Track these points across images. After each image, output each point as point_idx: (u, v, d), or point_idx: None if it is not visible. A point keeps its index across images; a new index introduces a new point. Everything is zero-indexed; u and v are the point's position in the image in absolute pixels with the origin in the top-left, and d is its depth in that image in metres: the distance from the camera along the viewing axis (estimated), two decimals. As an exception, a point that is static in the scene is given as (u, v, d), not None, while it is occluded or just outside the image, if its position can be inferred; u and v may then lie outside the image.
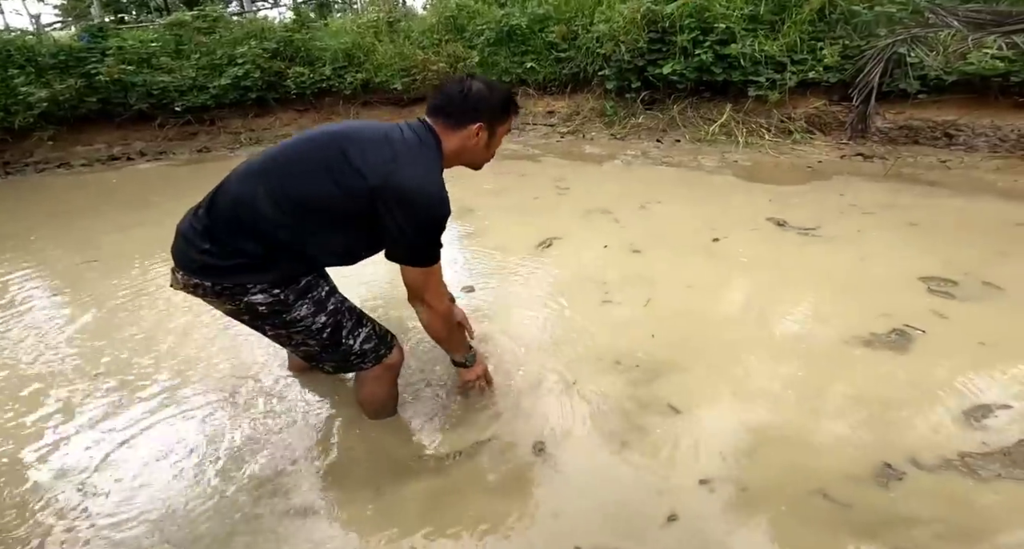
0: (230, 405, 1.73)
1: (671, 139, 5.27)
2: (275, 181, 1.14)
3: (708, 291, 2.21)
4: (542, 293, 2.26)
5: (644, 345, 1.89)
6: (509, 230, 2.95)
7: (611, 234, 2.83)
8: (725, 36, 5.14)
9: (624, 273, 2.40)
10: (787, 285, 2.22)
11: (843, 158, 4.45)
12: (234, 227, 1.15)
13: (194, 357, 1.97)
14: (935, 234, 2.66)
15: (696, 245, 2.61)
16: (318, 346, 1.30)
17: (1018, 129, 4.24)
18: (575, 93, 6.39)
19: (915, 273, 2.25)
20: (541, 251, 2.64)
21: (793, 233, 2.69)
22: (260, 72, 6.48)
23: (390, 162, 1.12)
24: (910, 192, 3.39)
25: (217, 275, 1.17)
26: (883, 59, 4.87)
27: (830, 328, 1.93)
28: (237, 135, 6.50)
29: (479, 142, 1.24)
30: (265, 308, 1.21)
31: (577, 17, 6.33)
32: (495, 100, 1.23)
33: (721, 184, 3.70)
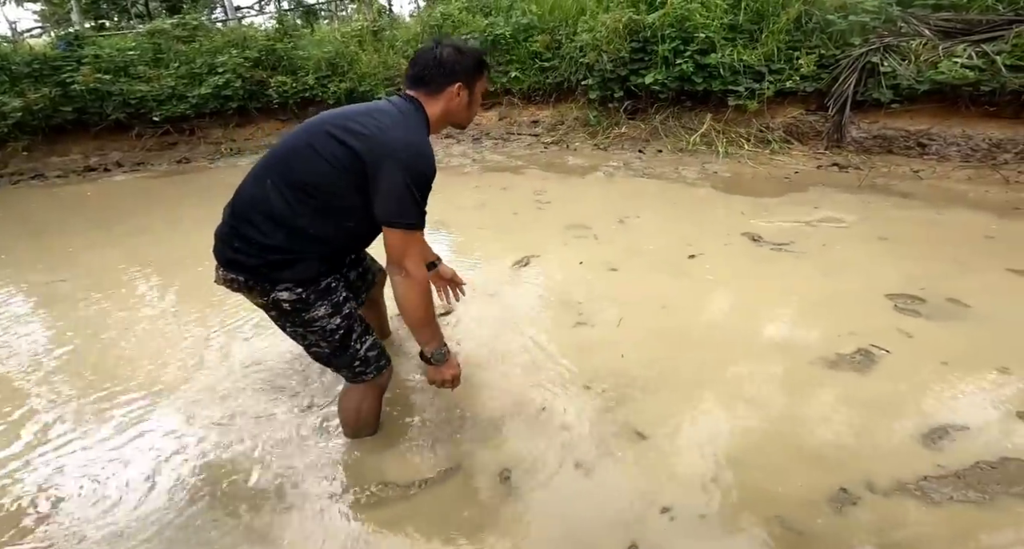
0: (186, 439, 1.72)
1: (653, 149, 5.33)
2: (277, 174, 1.23)
3: (680, 311, 2.24)
4: (515, 315, 2.27)
5: (614, 368, 1.91)
6: (486, 248, 2.96)
7: (589, 251, 2.85)
8: (705, 45, 5.22)
9: (599, 292, 2.41)
10: (757, 304, 2.26)
11: (819, 168, 4.52)
12: (256, 224, 1.24)
13: (149, 382, 1.95)
14: (904, 248, 2.71)
15: (672, 262, 2.64)
16: (328, 348, 1.38)
17: (988, 138, 4.35)
18: (559, 102, 6.43)
19: (883, 290, 2.30)
20: (517, 270, 2.65)
21: (767, 248, 2.73)
22: (241, 81, 6.45)
23: (376, 129, 1.19)
24: (882, 204, 3.46)
25: (248, 271, 1.28)
26: (857, 68, 4.98)
27: (797, 349, 1.96)
28: (218, 145, 6.45)
29: (460, 102, 1.33)
30: (288, 305, 1.30)
31: (561, 26, 6.39)
32: (468, 61, 1.32)
33: (700, 197, 3.75)
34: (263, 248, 1.25)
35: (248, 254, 1.27)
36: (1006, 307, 2.15)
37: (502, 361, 1.99)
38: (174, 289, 2.79)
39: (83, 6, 14.17)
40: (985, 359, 1.87)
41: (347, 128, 1.21)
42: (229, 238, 1.29)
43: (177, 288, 2.80)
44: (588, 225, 3.17)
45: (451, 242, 3.15)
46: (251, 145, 6.53)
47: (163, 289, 2.81)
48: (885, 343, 1.97)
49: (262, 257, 1.26)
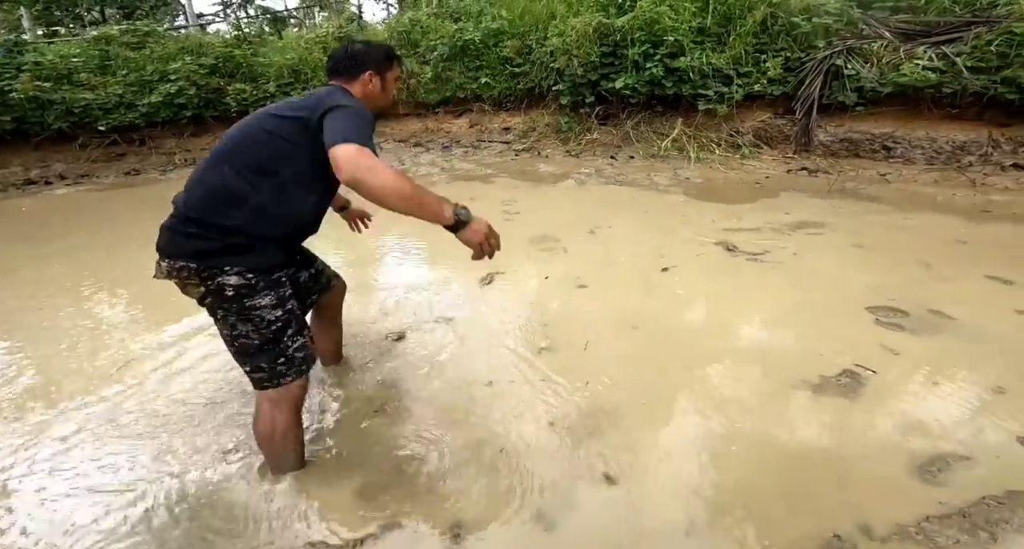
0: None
1: (625, 155, 5.21)
2: (236, 159, 1.27)
3: (652, 332, 2.05)
4: (477, 341, 2.05)
5: (580, 399, 1.71)
6: (449, 265, 2.73)
7: (557, 265, 2.64)
8: (675, 49, 5.14)
9: (567, 312, 2.21)
10: (734, 322, 2.08)
11: (789, 172, 4.46)
12: (216, 208, 1.26)
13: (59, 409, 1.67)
14: (879, 256, 2.60)
15: (644, 276, 2.46)
16: (259, 339, 1.33)
17: (952, 140, 4.36)
18: (531, 108, 6.28)
19: (863, 302, 2.17)
20: (482, 288, 2.43)
21: (742, 259, 2.59)
22: (196, 89, 6.10)
23: (316, 100, 1.28)
24: (852, 209, 3.38)
25: (202, 256, 1.27)
26: (822, 71, 4.96)
27: (778, 372, 1.80)
28: (171, 156, 6.07)
29: (374, 88, 1.45)
30: (232, 291, 1.29)
31: (532, 31, 6.25)
32: (376, 52, 1.46)
33: (673, 204, 3.61)
34: (223, 230, 1.26)
35: (208, 238, 1.27)
36: (991, 319, 2.04)
37: (459, 394, 1.77)
38: (100, 323, 2.48)
39: (34, 13, 13.46)
40: (978, 378, 1.74)
41: (291, 107, 1.30)
42: (183, 225, 1.28)
43: (107, 320, 2.49)
44: (557, 237, 2.97)
45: (414, 260, 2.91)
46: (207, 155, 6.16)
47: (88, 324, 2.50)
48: (871, 362, 1.83)
49: (222, 240, 1.27)
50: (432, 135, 6.43)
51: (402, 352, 2.00)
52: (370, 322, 2.21)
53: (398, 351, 2.02)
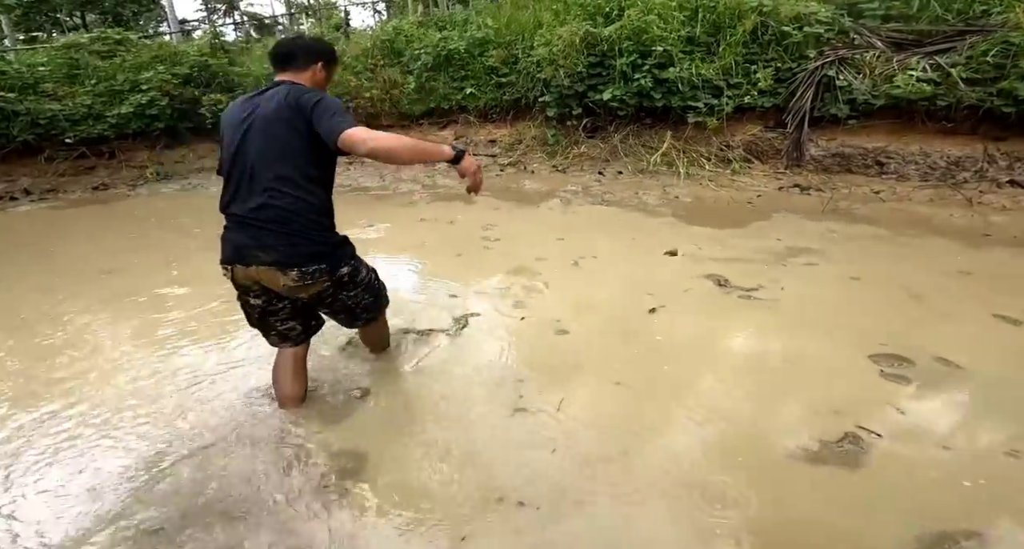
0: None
1: (613, 170, 5.01)
2: (271, 176, 1.43)
3: (634, 389, 1.80)
4: (440, 403, 1.79)
5: (552, 472, 1.50)
6: (418, 304, 2.44)
7: (536, 305, 2.38)
8: (663, 59, 4.95)
9: (544, 363, 1.96)
10: (725, 376, 1.86)
11: (781, 190, 4.28)
12: (306, 221, 1.48)
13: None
14: (878, 292, 2.41)
15: (629, 319, 2.24)
16: (371, 295, 1.74)
17: (946, 155, 4.20)
18: (517, 120, 6.06)
19: (864, 349, 1.98)
20: (452, 334, 2.21)
21: (734, 296, 2.38)
22: (169, 99, 5.81)
23: (285, 100, 1.43)
24: (847, 233, 3.20)
25: (321, 259, 1.52)
26: (814, 82, 4.78)
27: (772, 436, 1.60)
28: (142, 169, 5.78)
29: (320, 79, 1.58)
30: (347, 277, 1.60)
31: (518, 41, 6.03)
32: (326, 46, 1.63)
33: (662, 229, 3.39)
34: (314, 238, 1.52)
35: (305, 241, 1.49)
36: (1000, 366, 1.86)
37: (417, 470, 1.55)
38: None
39: (13, 18, 13.02)
40: (991, 441, 1.55)
41: (290, 109, 1.43)
42: (279, 234, 1.47)
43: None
44: (538, 270, 2.74)
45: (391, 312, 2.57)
46: (181, 169, 5.88)
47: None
48: (875, 423, 1.63)
49: (316, 246, 1.52)
50: (416, 147, 6.18)
51: (344, 423, 1.77)
52: (331, 379, 1.99)
53: (365, 409, 1.80)
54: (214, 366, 2.09)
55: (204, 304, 2.61)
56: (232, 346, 2.23)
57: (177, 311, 2.58)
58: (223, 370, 2.06)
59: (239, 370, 2.05)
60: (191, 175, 5.68)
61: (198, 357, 2.17)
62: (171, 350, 2.24)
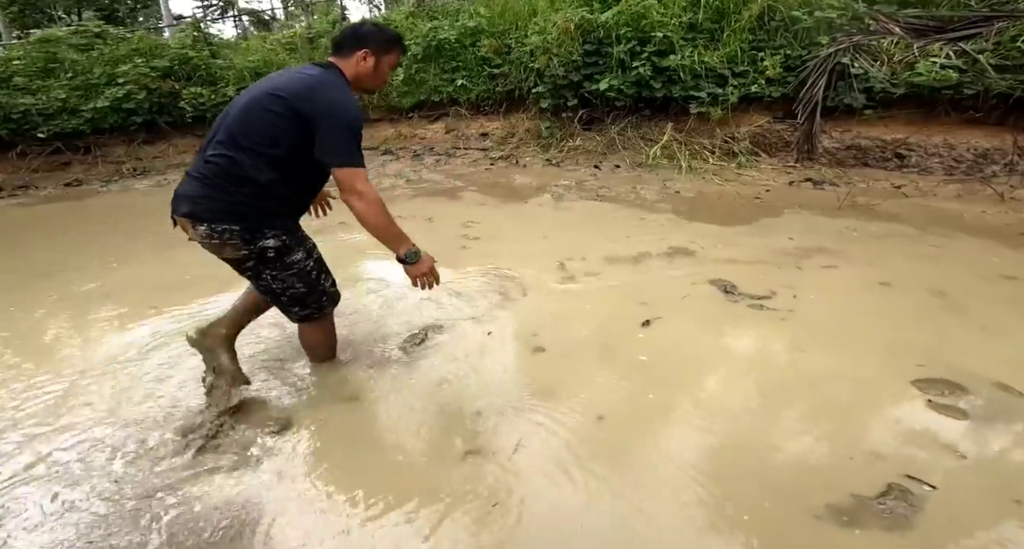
0: None
1: (610, 164, 4.64)
2: (240, 138, 1.37)
3: (617, 426, 1.43)
4: (385, 439, 1.46)
5: (488, 536, 1.15)
6: (371, 314, 2.10)
7: (511, 316, 2.03)
8: (663, 46, 4.58)
9: (512, 392, 1.60)
10: (731, 408, 1.48)
11: (791, 185, 3.90)
12: (236, 181, 1.38)
13: None
14: (913, 300, 2.04)
15: (619, 334, 1.86)
16: (304, 287, 1.55)
17: (973, 148, 3.81)
18: (510, 113, 5.71)
19: (905, 372, 1.62)
20: (410, 352, 1.83)
21: (742, 305, 2.03)
22: (147, 93, 5.50)
23: (306, 89, 1.36)
24: (869, 232, 2.82)
25: (238, 219, 1.40)
26: (826, 70, 4.38)
27: (792, 493, 1.24)
28: (119, 165, 5.47)
29: (367, 67, 1.47)
30: (273, 252, 1.45)
31: (511, 29, 5.68)
32: (380, 34, 1.50)
33: (660, 227, 3.03)
34: (246, 195, 1.39)
35: (241, 205, 1.39)
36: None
37: (348, 520, 1.21)
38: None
39: (9, 15, 12.79)
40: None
41: (288, 91, 1.35)
42: (215, 193, 1.38)
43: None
44: (517, 274, 2.38)
45: (338, 311, 2.20)
46: (160, 164, 5.57)
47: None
48: (928, 472, 1.28)
49: (253, 206, 1.40)
50: (405, 142, 5.86)
51: (280, 452, 1.43)
52: (250, 401, 1.65)
53: (277, 450, 1.46)
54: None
55: (112, 315, 2.30)
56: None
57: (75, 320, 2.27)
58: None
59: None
60: (168, 171, 5.36)
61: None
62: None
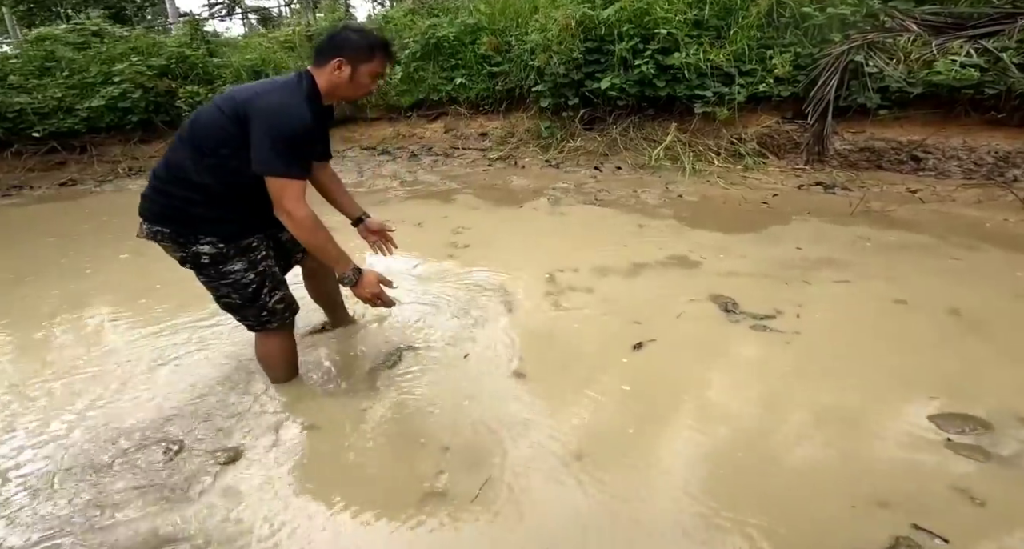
0: None
1: (611, 166, 4.48)
2: (188, 139, 1.36)
3: (597, 467, 1.29)
4: (333, 480, 1.32)
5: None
6: (351, 334, 1.93)
7: (491, 336, 1.87)
8: (667, 44, 4.39)
9: (483, 426, 1.46)
10: (725, 447, 1.33)
11: (801, 188, 3.72)
12: (176, 183, 1.37)
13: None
14: (930, 321, 1.87)
15: (608, 359, 1.70)
16: (240, 299, 1.48)
17: (994, 150, 3.60)
18: (510, 112, 5.55)
19: (920, 404, 1.46)
20: (381, 376, 1.68)
21: (743, 326, 1.87)
22: (143, 92, 5.42)
23: (252, 94, 1.32)
24: (884, 241, 2.65)
25: (171, 223, 1.39)
26: (839, 69, 4.15)
27: (786, 545, 1.10)
28: (115, 165, 5.40)
29: (341, 76, 1.37)
30: (207, 259, 1.41)
31: (512, 27, 5.52)
32: (358, 41, 1.36)
33: (660, 234, 2.87)
34: (184, 201, 1.37)
35: (168, 207, 1.38)
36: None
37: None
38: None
39: (18, 13, 12.84)
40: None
41: (235, 95, 1.34)
42: (155, 195, 1.40)
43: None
44: (505, 287, 2.23)
45: (305, 329, 1.96)
46: (156, 164, 5.49)
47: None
48: (940, 522, 1.13)
49: (185, 211, 1.37)
50: (403, 141, 5.73)
51: (226, 488, 1.31)
52: (196, 430, 1.53)
53: (220, 487, 1.34)
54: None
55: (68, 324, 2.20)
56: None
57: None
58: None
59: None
60: (164, 171, 5.29)
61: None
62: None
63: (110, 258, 2.96)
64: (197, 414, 1.59)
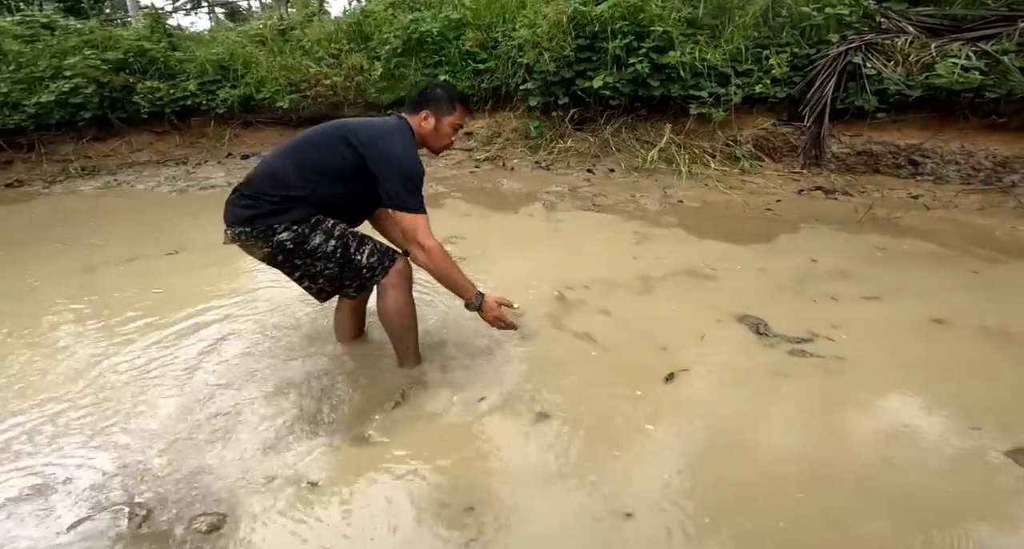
0: None
1: (604, 168, 4.26)
2: (297, 157, 1.48)
3: (649, 530, 1.07)
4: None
5: None
6: (352, 370, 1.64)
7: (507, 375, 1.57)
8: (662, 42, 4.19)
9: (509, 479, 1.20)
10: (796, 510, 1.11)
11: (801, 193, 3.57)
12: (267, 187, 1.46)
13: None
14: (975, 343, 1.67)
15: (636, 392, 1.44)
16: (336, 266, 1.53)
17: (992, 155, 3.52)
18: (496, 111, 5.27)
19: (989, 437, 1.26)
20: (382, 421, 1.39)
21: (781, 351, 1.64)
22: (97, 87, 4.92)
23: (375, 136, 1.44)
24: (899, 251, 2.48)
25: (252, 222, 1.46)
26: (836, 70, 4.01)
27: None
28: (66, 164, 4.88)
29: (427, 127, 1.52)
30: (290, 243, 1.47)
31: (498, 22, 5.23)
32: (442, 95, 1.53)
33: (667, 244, 2.64)
34: (264, 200, 1.45)
35: (253, 207, 1.45)
36: None
37: None
38: None
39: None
40: None
41: (358, 136, 1.44)
42: (240, 200, 1.48)
43: None
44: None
45: (310, 365, 1.69)
46: (112, 163, 4.99)
47: None
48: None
49: (263, 207, 1.45)
50: (384, 141, 5.38)
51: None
52: (184, 500, 1.22)
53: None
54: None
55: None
56: None
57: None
58: None
59: None
60: (120, 170, 4.81)
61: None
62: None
63: (58, 273, 2.55)
64: (166, 472, 1.28)
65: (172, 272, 2.44)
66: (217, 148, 5.28)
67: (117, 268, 2.52)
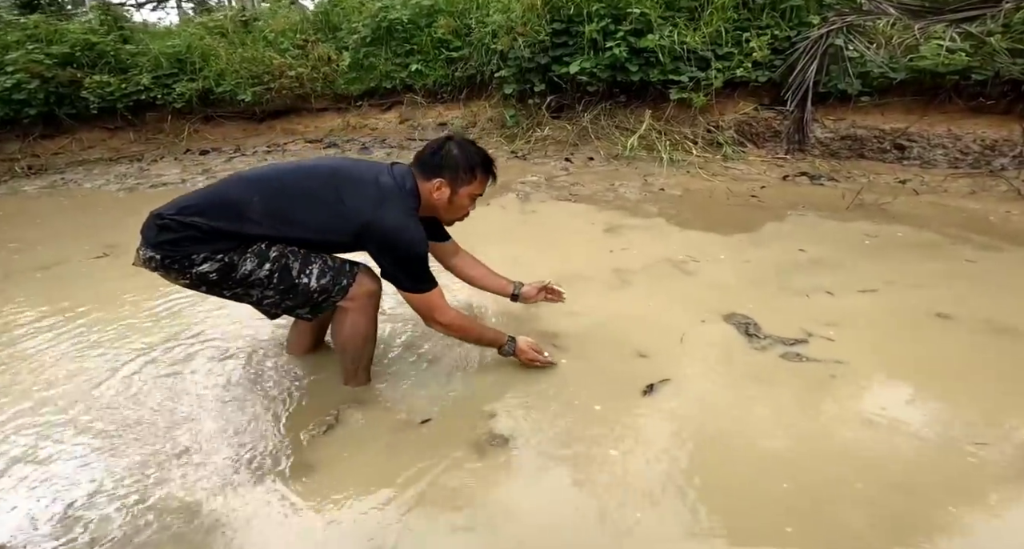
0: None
1: (583, 156, 4.02)
2: (273, 199, 1.22)
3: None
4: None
5: None
6: (290, 386, 1.41)
7: (457, 387, 1.37)
8: (640, 25, 3.95)
9: (448, 521, 0.99)
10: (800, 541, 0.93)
11: (786, 179, 3.38)
12: (215, 214, 1.19)
13: None
14: (985, 339, 1.49)
15: (615, 407, 1.24)
16: (275, 294, 1.28)
17: (980, 138, 3.36)
18: (471, 99, 5.00)
19: (1019, 449, 1.08)
20: (311, 442, 1.21)
21: (773, 354, 1.43)
22: (41, 82, 4.52)
23: (375, 206, 1.20)
24: (890, 239, 2.30)
25: (163, 248, 1.18)
26: (818, 53, 3.80)
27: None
28: (12, 163, 4.49)
29: (440, 196, 1.28)
30: (215, 274, 1.21)
31: (471, 8, 4.94)
32: (461, 161, 1.27)
33: (648, 235, 2.42)
34: (187, 226, 1.18)
35: (171, 229, 1.18)
36: None
37: None
38: None
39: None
40: None
41: (354, 197, 1.21)
42: (159, 218, 1.20)
43: None
44: (471, 307, 1.75)
45: (242, 376, 1.48)
46: (60, 161, 4.61)
47: None
48: None
49: (183, 231, 1.18)
50: (353, 133, 5.08)
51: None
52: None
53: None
54: None
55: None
56: None
57: None
58: None
59: None
60: (68, 169, 4.44)
61: None
62: None
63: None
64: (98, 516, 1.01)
65: (92, 278, 2.15)
66: (175, 144, 4.93)
67: (34, 275, 2.22)
